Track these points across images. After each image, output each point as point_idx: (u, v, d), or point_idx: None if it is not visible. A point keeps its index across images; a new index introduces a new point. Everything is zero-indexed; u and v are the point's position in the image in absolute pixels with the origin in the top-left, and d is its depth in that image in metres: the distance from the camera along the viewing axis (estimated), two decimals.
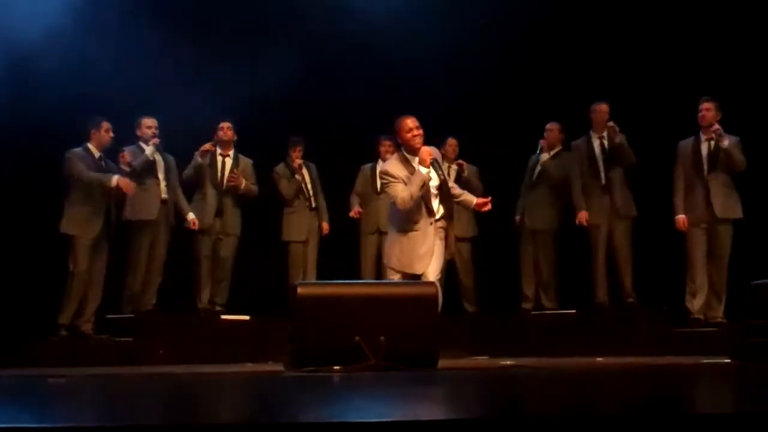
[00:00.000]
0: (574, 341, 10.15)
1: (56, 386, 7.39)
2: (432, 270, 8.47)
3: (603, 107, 10.75)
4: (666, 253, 10.77)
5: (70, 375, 7.88)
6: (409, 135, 8.52)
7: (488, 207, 8.67)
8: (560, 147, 11.23)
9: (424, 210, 8.46)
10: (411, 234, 8.48)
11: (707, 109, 10.08)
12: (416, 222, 8.45)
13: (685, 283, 10.25)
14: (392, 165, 8.57)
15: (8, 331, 9.60)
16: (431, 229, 8.47)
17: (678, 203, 10.20)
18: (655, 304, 10.66)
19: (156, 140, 10.49)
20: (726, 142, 9.93)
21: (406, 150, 8.57)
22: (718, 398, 6.08)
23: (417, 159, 8.49)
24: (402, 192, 8.36)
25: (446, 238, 8.57)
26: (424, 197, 8.42)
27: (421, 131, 8.51)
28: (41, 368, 8.68)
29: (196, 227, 10.81)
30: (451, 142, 11.51)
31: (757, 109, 10.74)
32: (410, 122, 8.55)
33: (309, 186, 11.47)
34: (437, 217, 8.53)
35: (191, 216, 10.75)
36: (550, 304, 11.09)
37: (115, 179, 9.99)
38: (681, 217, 10.16)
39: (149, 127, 10.57)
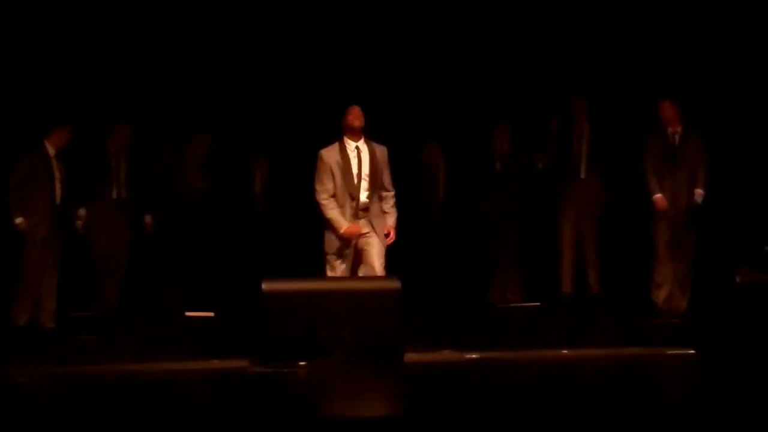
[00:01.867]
0: (539, 333, 10.15)
1: (20, 386, 7.33)
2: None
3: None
4: (630, 245, 10.80)
5: (32, 374, 7.81)
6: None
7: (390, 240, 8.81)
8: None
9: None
10: None
11: (670, 108, 10.12)
12: None
13: (651, 275, 10.29)
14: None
15: None
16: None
17: (653, 186, 10.14)
18: (619, 296, 10.71)
19: None
20: (699, 200, 10.05)
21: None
22: (683, 388, 6.12)
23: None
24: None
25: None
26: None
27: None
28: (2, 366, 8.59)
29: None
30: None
31: (718, 100, 10.80)
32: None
33: None
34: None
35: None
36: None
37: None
38: (659, 196, 10.12)
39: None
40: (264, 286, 7.84)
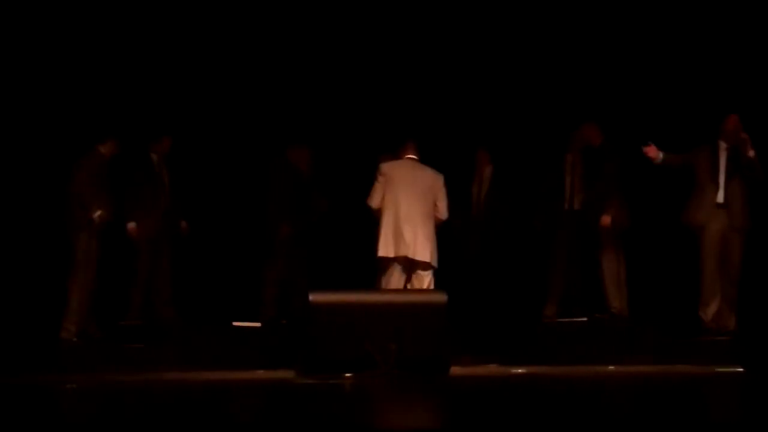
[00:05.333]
0: (585, 349, 10.10)
1: (68, 393, 7.40)
2: None
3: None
4: (672, 263, 10.73)
5: (80, 382, 7.88)
6: None
7: None
8: None
9: None
10: None
11: (735, 120, 10.04)
12: None
13: (700, 292, 10.20)
14: None
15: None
16: None
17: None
18: (667, 314, 10.63)
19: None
20: (752, 153, 9.86)
21: None
22: (731, 406, 6.07)
23: None
24: None
25: None
26: None
27: None
28: (50, 375, 8.67)
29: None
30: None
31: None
32: None
33: None
34: None
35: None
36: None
37: None
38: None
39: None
40: (311, 297, 7.87)
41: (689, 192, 10.13)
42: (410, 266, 9.03)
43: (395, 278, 9.00)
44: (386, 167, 9.24)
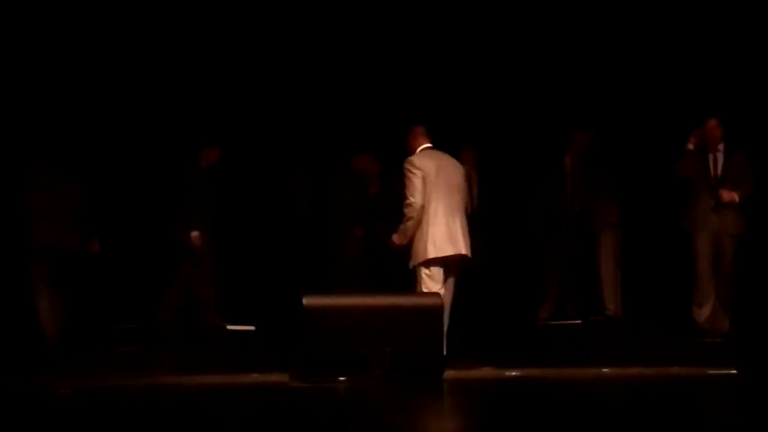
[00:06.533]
0: (580, 352, 10.11)
1: (63, 398, 7.39)
2: None
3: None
4: (662, 264, 10.74)
5: (72, 386, 7.87)
6: None
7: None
8: None
9: None
10: None
11: (715, 127, 10.05)
12: None
13: (693, 294, 10.21)
14: None
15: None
16: None
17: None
18: (660, 316, 10.64)
19: None
20: (736, 197, 9.92)
21: None
22: (724, 408, 6.07)
23: None
24: None
25: None
26: None
27: None
28: (42, 379, 8.66)
29: None
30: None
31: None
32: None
33: None
34: None
35: None
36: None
37: None
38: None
39: None
40: (305, 301, 7.86)
41: (684, 194, 10.16)
42: (454, 264, 8.68)
43: (441, 279, 8.55)
44: (419, 161, 8.67)
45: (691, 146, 9.98)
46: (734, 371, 8.29)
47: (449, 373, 8.05)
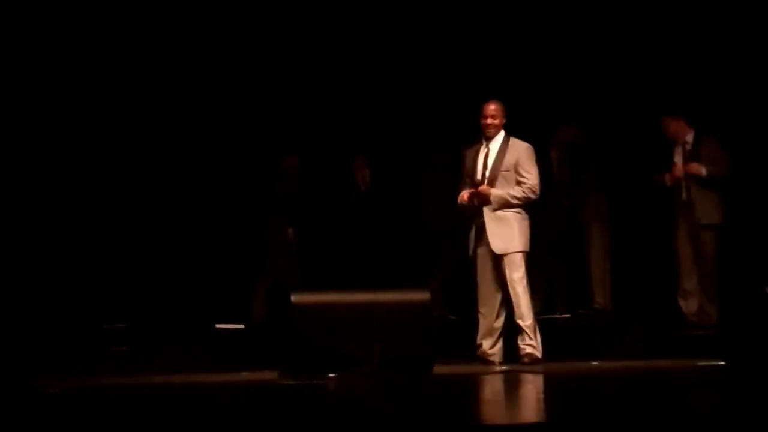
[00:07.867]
0: (569, 345, 10.12)
1: (50, 397, 7.38)
2: None
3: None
4: (651, 257, 10.77)
5: (62, 386, 7.87)
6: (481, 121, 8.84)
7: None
8: None
9: None
10: None
11: (666, 127, 10.12)
12: None
13: (677, 287, 10.24)
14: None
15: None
16: None
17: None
18: (649, 309, 10.66)
19: None
20: (704, 172, 9.96)
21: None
22: (712, 399, 6.09)
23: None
24: None
25: None
26: None
27: (489, 120, 8.80)
28: (34, 379, 8.65)
29: None
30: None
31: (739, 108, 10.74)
32: (483, 109, 8.87)
33: None
34: None
35: None
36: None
37: None
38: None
39: None
40: (293, 298, 7.87)
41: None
42: None
43: None
44: None
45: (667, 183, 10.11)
46: (722, 363, 8.31)
47: (438, 369, 8.06)
